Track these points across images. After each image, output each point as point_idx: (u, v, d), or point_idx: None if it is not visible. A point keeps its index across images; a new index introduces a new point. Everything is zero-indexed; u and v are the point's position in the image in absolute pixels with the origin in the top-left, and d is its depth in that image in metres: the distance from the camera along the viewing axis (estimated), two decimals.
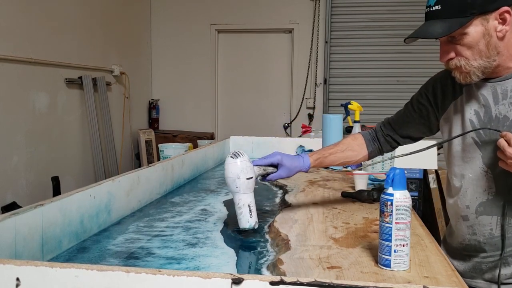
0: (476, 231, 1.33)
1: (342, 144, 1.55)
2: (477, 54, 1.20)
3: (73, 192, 1.30)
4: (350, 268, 1.04)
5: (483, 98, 1.27)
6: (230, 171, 1.34)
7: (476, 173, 1.30)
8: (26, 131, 3.78)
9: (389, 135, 1.54)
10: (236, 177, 1.33)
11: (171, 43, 6.02)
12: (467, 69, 1.21)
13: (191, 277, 0.71)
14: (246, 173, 1.34)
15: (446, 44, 1.23)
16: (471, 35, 1.18)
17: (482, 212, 1.30)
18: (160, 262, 1.15)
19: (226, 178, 1.35)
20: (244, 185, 1.34)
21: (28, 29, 3.79)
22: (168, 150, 3.61)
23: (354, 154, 1.54)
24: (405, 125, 1.51)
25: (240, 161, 1.34)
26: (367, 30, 5.63)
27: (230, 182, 1.35)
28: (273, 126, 5.92)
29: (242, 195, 1.35)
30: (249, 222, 1.35)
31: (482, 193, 1.30)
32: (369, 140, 1.56)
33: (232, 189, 1.35)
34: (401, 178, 1.03)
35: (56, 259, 1.17)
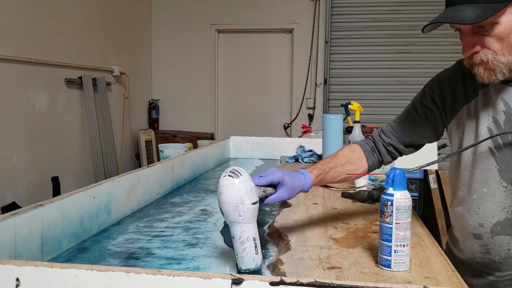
0: (491, 251, 1.23)
1: (341, 157, 1.33)
2: (507, 48, 1.06)
3: (73, 192, 1.29)
4: (350, 269, 1.04)
5: (504, 104, 1.13)
6: (231, 194, 1.03)
7: (492, 189, 1.18)
8: (26, 131, 3.78)
9: (390, 145, 1.37)
10: (239, 202, 1.02)
11: (171, 43, 6.02)
12: (494, 65, 1.07)
13: (191, 277, 0.71)
14: (251, 196, 1.04)
15: (471, 35, 1.08)
16: (503, 25, 1.04)
17: (499, 232, 1.19)
18: (160, 262, 1.15)
19: (225, 204, 1.03)
20: (249, 212, 1.03)
21: (28, 29, 3.79)
22: (168, 150, 3.61)
23: (354, 168, 1.33)
24: (408, 132, 1.35)
25: (242, 181, 1.04)
26: (367, 30, 5.63)
27: (231, 209, 1.03)
28: (273, 126, 5.92)
29: (246, 226, 1.03)
30: (255, 261, 1.05)
31: (500, 212, 1.17)
32: (368, 151, 1.37)
33: (233, 219, 1.03)
34: (401, 178, 1.02)
35: (56, 260, 1.17)
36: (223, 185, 1.04)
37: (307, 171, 1.23)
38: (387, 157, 1.38)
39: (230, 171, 1.05)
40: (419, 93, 1.35)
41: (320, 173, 1.26)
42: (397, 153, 1.38)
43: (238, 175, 1.04)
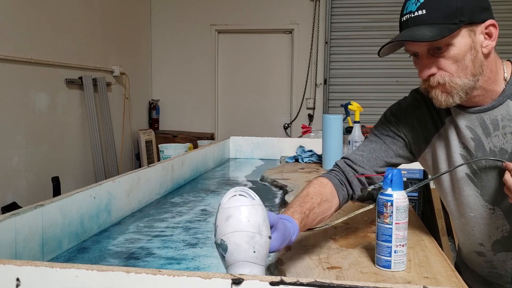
0: (497, 267, 1.22)
1: (314, 195, 1.15)
2: (462, 70, 1.04)
3: (73, 192, 1.30)
4: (350, 268, 1.05)
5: (470, 131, 1.12)
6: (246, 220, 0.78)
7: (479, 212, 1.17)
8: (26, 131, 3.78)
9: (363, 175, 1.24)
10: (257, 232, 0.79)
11: (171, 43, 6.02)
12: (451, 87, 1.05)
13: (191, 277, 0.71)
14: (267, 226, 0.83)
15: (427, 57, 1.06)
16: (458, 47, 1.03)
17: (500, 249, 1.18)
18: (160, 262, 1.15)
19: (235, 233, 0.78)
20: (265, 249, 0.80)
21: (28, 29, 3.79)
22: (168, 151, 3.62)
23: (329, 206, 1.17)
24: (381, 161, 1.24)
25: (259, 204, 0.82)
26: (367, 31, 5.63)
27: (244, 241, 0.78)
28: (273, 126, 5.92)
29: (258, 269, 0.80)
30: None
31: (495, 231, 1.17)
32: (338, 185, 1.22)
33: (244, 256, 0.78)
34: (399, 178, 1.03)
35: (56, 259, 1.17)
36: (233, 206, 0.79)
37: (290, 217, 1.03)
38: (357, 190, 1.24)
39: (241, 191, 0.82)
40: (381, 122, 1.28)
41: (303, 218, 1.07)
42: (368, 183, 1.27)
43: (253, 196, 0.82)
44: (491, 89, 1.09)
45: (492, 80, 1.08)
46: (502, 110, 1.09)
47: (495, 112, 1.10)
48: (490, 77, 1.08)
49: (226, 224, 0.77)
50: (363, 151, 1.26)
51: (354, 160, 1.24)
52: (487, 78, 1.08)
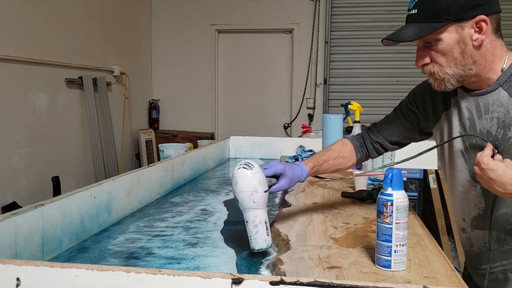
0: (473, 244, 1.33)
1: (333, 151, 1.51)
2: (452, 61, 1.17)
3: (73, 192, 1.30)
4: (350, 268, 1.05)
5: (468, 112, 1.24)
6: (246, 184, 1.18)
7: (465, 187, 1.29)
8: (26, 131, 3.79)
9: (377, 142, 1.51)
10: (253, 190, 1.18)
11: (171, 43, 6.02)
12: (440, 76, 1.19)
13: (191, 277, 0.71)
14: (263, 185, 1.20)
15: (422, 49, 1.21)
16: (445, 42, 1.15)
17: (476, 226, 1.30)
18: (160, 262, 1.15)
19: (240, 193, 1.18)
20: (262, 199, 1.19)
21: (28, 29, 3.79)
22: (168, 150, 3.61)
23: (345, 161, 1.51)
24: (394, 132, 1.48)
25: (256, 172, 1.20)
26: (367, 30, 5.63)
27: (247, 197, 1.18)
28: (273, 126, 5.92)
29: (259, 211, 1.19)
30: (267, 242, 1.18)
31: (473, 208, 1.28)
32: (357, 146, 1.53)
33: (248, 205, 1.18)
34: (399, 178, 1.03)
35: (57, 259, 1.17)
36: (239, 176, 1.19)
37: (303, 164, 1.42)
38: (373, 153, 1.53)
39: (244, 164, 1.21)
40: (405, 98, 1.47)
41: (315, 165, 1.45)
42: (383, 149, 1.52)
43: (252, 167, 1.20)
44: (486, 76, 1.19)
45: (488, 69, 1.18)
46: (494, 96, 1.19)
47: (488, 97, 1.20)
48: (485, 66, 1.18)
49: (236, 187, 1.19)
50: (382, 122, 1.53)
51: (372, 129, 1.53)
52: (482, 67, 1.18)
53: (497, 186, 1.09)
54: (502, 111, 1.17)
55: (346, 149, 1.52)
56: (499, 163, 1.09)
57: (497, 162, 1.10)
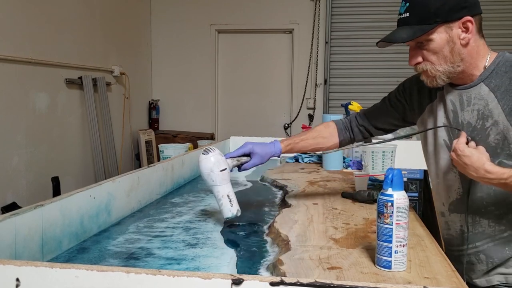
0: (450, 227, 1.43)
1: (314, 131, 1.64)
2: (442, 59, 1.27)
3: (73, 193, 1.30)
4: (350, 269, 1.04)
5: (452, 104, 1.35)
6: (203, 166, 1.40)
7: (446, 173, 1.39)
8: (26, 131, 3.78)
9: (363, 126, 1.63)
10: (210, 171, 1.39)
11: (171, 43, 6.02)
12: (432, 73, 1.29)
13: (191, 277, 0.71)
14: (219, 165, 1.40)
15: (414, 49, 1.31)
16: (436, 42, 1.26)
17: (453, 210, 1.40)
18: (160, 262, 1.15)
19: (201, 174, 1.41)
20: (219, 177, 1.40)
21: (28, 29, 3.79)
22: (168, 151, 3.60)
23: (324, 141, 1.62)
24: (380, 118, 1.61)
25: (211, 155, 1.40)
26: (367, 31, 5.63)
27: (206, 177, 1.41)
28: (273, 126, 5.92)
29: (220, 187, 1.41)
30: (231, 211, 1.41)
31: (452, 192, 1.39)
32: (341, 129, 1.64)
33: (209, 184, 1.41)
34: (399, 179, 1.03)
35: (56, 260, 1.17)
36: (199, 160, 1.42)
37: (277, 141, 1.57)
38: (358, 136, 1.65)
39: (204, 150, 1.42)
40: (395, 89, 1.58)
41: (290, 143, 1.59)
42: (368, 133, 1.64)
43: (209, 151, 1.41)
44: (471, 73, 1.30)
45: (473, 66, 1.29)
46: (476, 90, 1.30)
47: (470, 91, 1.31)
48: (471, 63, 1.29)
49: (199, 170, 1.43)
50: (370, 109, 1.65)
51: (360, 114, 1.66)
52: (468, 64, 1.29)
53: (470, 171, 1.21)
54: (482, 103, 1.29)
55: (328, 130, 1.64)
56: (473, 150, 1.21)
57: (471, 149, 1.21)
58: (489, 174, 1.19)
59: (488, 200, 1.32)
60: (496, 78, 1.27)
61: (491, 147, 1.26)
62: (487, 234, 1.34)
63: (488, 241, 1.34)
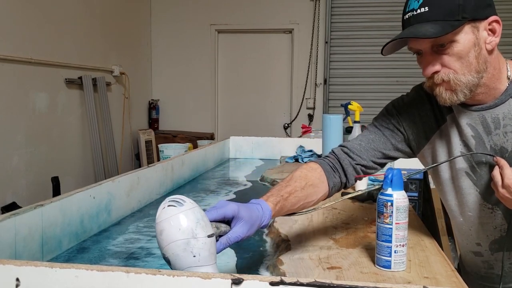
0: (494, 266, 1.22)
1: (299, 178, 1.14)
2: (466, 67, 1.03)
3: (73, 193, 1.30)
4: (350, 269, 1.04)
5: (471, 129, 1.11)
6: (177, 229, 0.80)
7: (477, 211, 1.16)
8: (26, 131, 3.78)
9: (360, 165, 1.22)
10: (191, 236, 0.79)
11: (171, 43, 6.02)
12: (455, 84, 1.04)
13: (191, 277, 0.71)
14: (204, 227, 0.82)
15: (431, 54, 1.05)
16: (461, 43, 1.02)
17: (498, 249, 1.18)
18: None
19: (170, 245, 0.79)
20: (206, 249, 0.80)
21: (28, 29, 3.79)
22: (168, 150, 3.61)
23: (315, 191, 1.15)
24: (378, 153, 1.23)
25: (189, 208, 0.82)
26: (367, 31, 5.63)
27: (180, 249, 0.79)
28: (273, 126, 5.92)
29: (206, 269, 0.81)
30: None
31: (493, 231, 1.17)
32: (328, 171, 1.20)
33: (185, 263, 0.79)
34: (399, 178, 1.03)
35: (56, 260, 1.17)
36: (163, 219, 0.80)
37: (262, 201, 1.03)
38: (352, 179, 1.22)
39: (170, 201, 0.84)
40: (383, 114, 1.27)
41: (279, 200, 1.06)
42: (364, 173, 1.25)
43: (182, 203, 0.82)
44: (494, 87, 1.08)
45: (495, 78, 1.07)
46: (504, 108, 1.08)
47: (497, 111, 1.09)
48: (494, 74, 1.07)
49: (161, 238, 0.79)
50: (361, 141, 1.24)
51: (351, 148, 1.23)
52: (491, 76, 1.07)
53: None
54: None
55: (315, 175, 1.17)
56: None
57: None
58: None
59: None
60: None
61: None
62: None
63: None
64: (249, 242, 1.32)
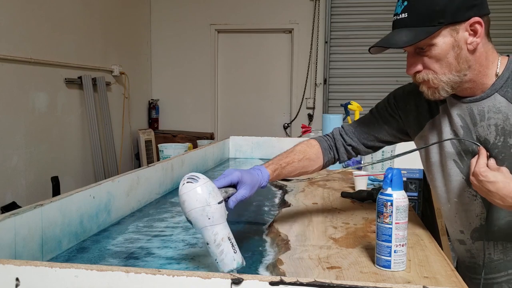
0: (475, 256, 1.27)
1: (298, 152, 1.37)
2: (446, 67, 1.10)
3: (73, 192, 1.29)
4: (350, 268, 1.04)
5: (461, 119, 1.18)
6: (195, 199, 1.02)
7: (462, 198, 1.22)
8: (26, 131, 3.78)
9: (351, 145, 1.41)
10: (205, 204, 1.01)
11: (171, 43, 6.02)
12: (435, 84, 1.12)
13: (191, 277, 0.71)
14: (215, 197, 1.04)
15: (413, 55, 1.13)
16: (439, 47, 1.08)
17: (478, 237, 1.23)
18: (160, 262, 1.15)
19: (191, 211, 1.02)
20: (218, 212, 1.03)
21: (28, 29, 3.79)
22: (167, 150, 3.61)
23: (310, 164, 1.38)
24: (370, 135, 1.39)
25: (203, 183, 1.04)
26: (367, 30, 5.63)
27: (198, 214, 1.02)
28: (273, 126, 5.92)
29: (218, 227, 1.02)
30: (236, 260, 1.02)
31: (474, 219, 1.22)
32: (325, 148, 1.41)
33: (203, 224, 1.02)
34: (398, 178, 1.03)
35: (56, 259, 1.17)
36: (184, 193, 1.03)
37: (263, 167, 1.28)
38: (343, 157, 1.43)
39: (188, 178, 1.04)
40: (384, 100, 1.39)
41: (277, 168, 1.30)
42: (355, 153, 1.43)
43: (197, 179, 1.04)
44: (481, 82, 1.14)
45: (482, 74, 1.13)
46: (490, 102, 1.14)
47: (483, 104, 1.15)
48: (480, 71, 1.13)
49: (184, 206, 1.03)
50: (357, 124, 1.42)
51: (346, 131, 1.43)
52: (477, 72, 1.12)
53: (496, 199, 1.06)
54: (501, 117, 1.12)
55: (312, 151, 1.39)
56: (498, 175, 1.05)
57: (495, 173, 1.06)
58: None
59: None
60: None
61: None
62: None
63: None
64: (249, 242, 1.32)
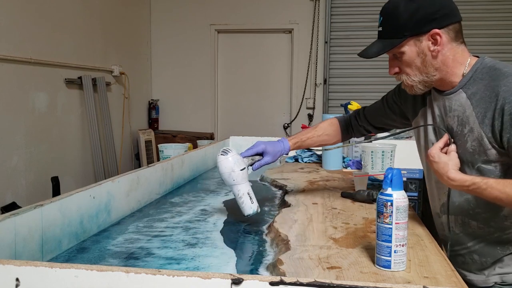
0: (444, 228, 1.45)
1: (319, 128, 1.74)
2: (416, 70, 1.33)
3: (73, 192, 1.30)
4: (350, 268, 1.05)
5: (438, 109, 1.39)
6: (224, 166, 1.46)
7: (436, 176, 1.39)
8: (26, 131, 3.78)
9: (362, 126, 1.72)
10: (231, 171, 1.46)
11: (171, 43, 6.02)
12: (409, 83, 1.35)
13: (191, 277, 0.71)
14: (239, 165, 1.47)
15: (392, 60, 1.37)
16: (407, 54, 1.31)
17: (444, 212, 1.42)
18: (160, 262, 1.15)
19: (222, 174, 1.47)
20: (240, 176, 1.46)
21: (28, 29, 3.79)
22: (167, 150, 3.60)
23: (328, 139, 1.74)
24: (379, 118, 1.68)
25: (231, 156, 1.47)
26: (366, 30, 5.62)
27: (227, 177, 1.46)
28: (273, 126, 5.92)
29: (240, 186, 1.47)
30: (252, 208, 1.47)
31: (442, 195, 1.42)
32: (343, 126, 1.75)
33: (230, 183, 1.47)
34: (398, 178, 1.03)
35: (56, 260, 1.17)
36: (218, 162, 1.48)
37: (286, 139, 1.67)
38: (357, 134, 1.78)
39: (222, 151, 1.49)
40: (393, 90, 1.63)
41: (297, 141, 1.69)
42: (367, 132, 1.76)
43: (228, 152, 1.48)
44: (450, 80, 1.33)
45: (450, 74, 1.32)
46: (456, 97, 1.33)
47: (451, 98, 1.35)
48: (447, 71, 1.32)
49: (219, 171, 1.49)
50: (370, 108, 1.72)
51: (360, 114, 1.74)
52: (445, 73, 1.32)
53: (438, 177, 1.27)
54: (461, 110, 1.32)
55: (332, 128, 1.75)
56: (443, 156, 1.26)
57: (441, 155, 1.26)
58: (452, 181, 1.23)
59: (474, 203, 1.34)
60: (473, 85, 1.29)
61: (469, 153, 1.29)
62: (477, 234, 1.36)
63: (479, 241, 1.36)
64: (249, 242, 1.32)
